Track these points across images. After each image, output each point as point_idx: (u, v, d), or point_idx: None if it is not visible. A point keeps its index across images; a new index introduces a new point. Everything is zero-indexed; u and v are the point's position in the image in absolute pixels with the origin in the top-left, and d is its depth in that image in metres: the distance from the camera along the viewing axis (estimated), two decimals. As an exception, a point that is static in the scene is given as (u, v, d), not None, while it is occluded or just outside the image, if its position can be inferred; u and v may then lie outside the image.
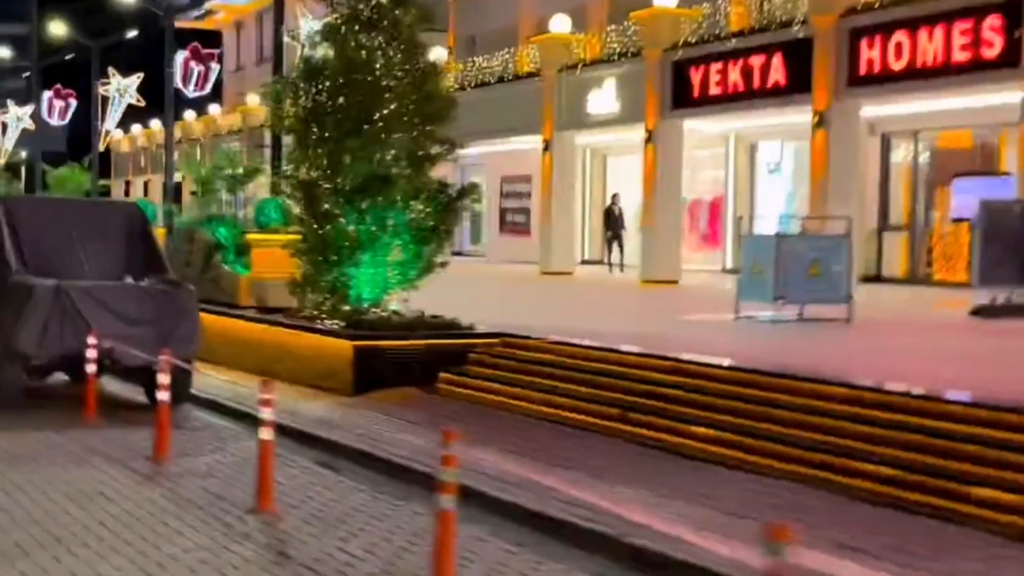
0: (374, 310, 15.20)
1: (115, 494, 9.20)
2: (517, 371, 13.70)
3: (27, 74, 62.26)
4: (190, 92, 29.83)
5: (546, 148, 32.45)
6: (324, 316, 15.22)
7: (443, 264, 15.58)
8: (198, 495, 9.21)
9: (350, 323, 14.75)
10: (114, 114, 40.33)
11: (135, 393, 14.12)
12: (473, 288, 23.23)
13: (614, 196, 30.97)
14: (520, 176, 37.45)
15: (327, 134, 15.21)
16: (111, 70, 40.22)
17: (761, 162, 31.24)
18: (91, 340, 12.48)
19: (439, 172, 16.06)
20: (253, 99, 48.16)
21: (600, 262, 33.24)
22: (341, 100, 15.14)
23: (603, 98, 30.60)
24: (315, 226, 15.38)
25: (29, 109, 57.30)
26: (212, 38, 55.87)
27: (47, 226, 13.96)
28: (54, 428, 12.02)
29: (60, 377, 14.41)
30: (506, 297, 23.77)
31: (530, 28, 36.22)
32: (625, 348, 13.45)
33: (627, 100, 29.60)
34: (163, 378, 10.77)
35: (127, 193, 57.69)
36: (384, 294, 15.57)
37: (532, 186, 35.88)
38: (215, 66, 29.97)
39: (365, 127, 15.02)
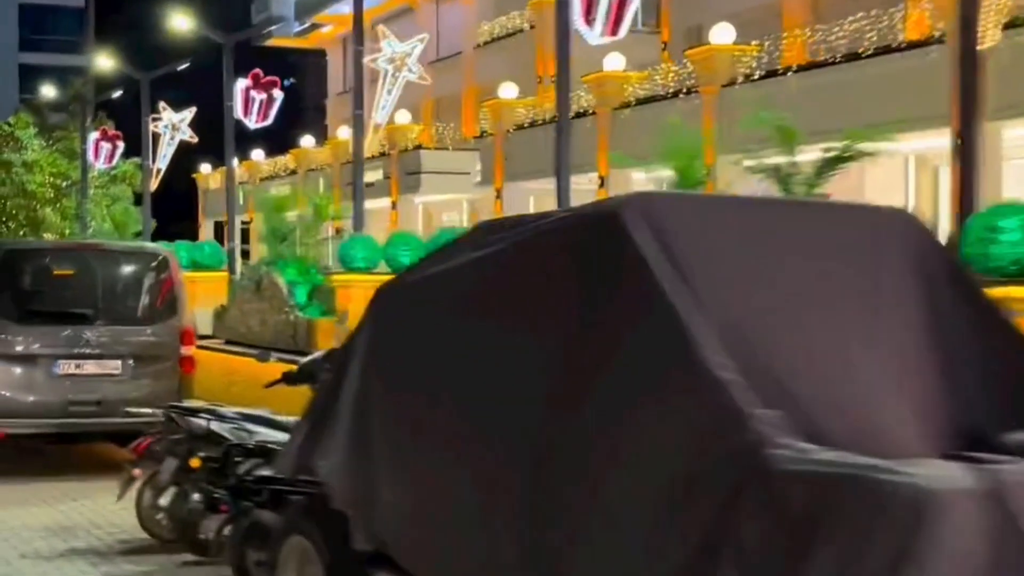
0: None
1: None
2: None
3: (183, 65, 37.58)
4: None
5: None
6: None
7: None
8: None
9: None
10: (388, 97, 29.27)
11: None
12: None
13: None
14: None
15: None
16: (382, 28, 28.63)
17: None
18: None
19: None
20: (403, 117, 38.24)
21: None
22: None
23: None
24: None
25: (187, 114, 38.40)
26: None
27: (770, 281, 4.40)
28: None
29: None
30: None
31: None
32: None
33: None
34: None
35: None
36: None
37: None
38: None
39: None
